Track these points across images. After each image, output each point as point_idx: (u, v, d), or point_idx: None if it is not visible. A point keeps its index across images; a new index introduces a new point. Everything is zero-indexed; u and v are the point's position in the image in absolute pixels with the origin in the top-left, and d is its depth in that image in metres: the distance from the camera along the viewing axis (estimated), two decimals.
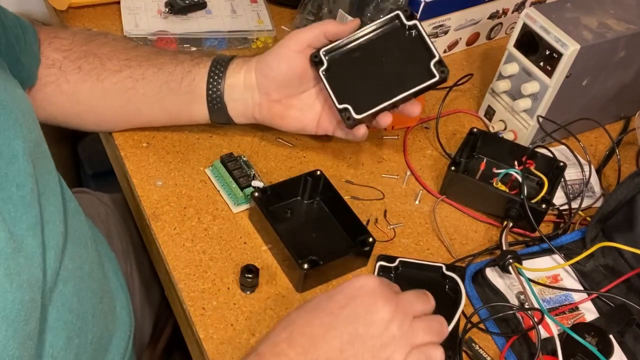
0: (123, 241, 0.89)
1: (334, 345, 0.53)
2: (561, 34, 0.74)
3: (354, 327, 0.53)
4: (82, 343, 0.61)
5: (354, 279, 0.56)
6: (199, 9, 0.97)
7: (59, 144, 1.27)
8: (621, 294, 0.68)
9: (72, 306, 0.59)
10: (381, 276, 0.67)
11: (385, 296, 0.55)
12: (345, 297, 0.55)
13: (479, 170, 0.76)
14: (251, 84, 0.72)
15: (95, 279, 0.65)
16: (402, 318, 0.54)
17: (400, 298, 0.56)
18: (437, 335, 0.57)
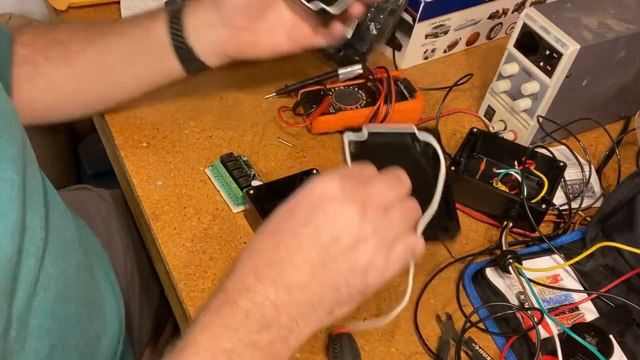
0: (123, 238, 0.89)
1: (304, 270, 0.48)
2: (561, 34, 0.74)
3: (322, 245, 0.48)
4: (67, 349, 0.60)
5: (312, 185, 0.50)
6: None
7: (59, 144, 1.27)
8: (621, 294, 0.68)
9: (55, 313, 0.58)
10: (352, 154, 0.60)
11: (350, 198, 0.49)
12: (306, 212, 0.49)
13: (479, 170, 0.76)
14: (213, 20, 0.69)
15: (80, 282, 0.64)
16: (374, 216, 0.49)
17: (368, 192, 0.50)
18: (413, 221, 0.53)
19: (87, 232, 0.76)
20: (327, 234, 0.49)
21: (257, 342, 0.47)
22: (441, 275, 0.70)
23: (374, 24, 0.88)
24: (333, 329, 0.63)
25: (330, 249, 0.49)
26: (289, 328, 0.48)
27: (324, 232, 0.49)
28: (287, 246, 0.49)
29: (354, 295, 0.50)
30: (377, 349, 0.63)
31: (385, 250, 0.50)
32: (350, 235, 0.49)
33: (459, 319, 0.66)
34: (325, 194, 0.49)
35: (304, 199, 0.50)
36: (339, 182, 0.49)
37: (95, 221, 0.86)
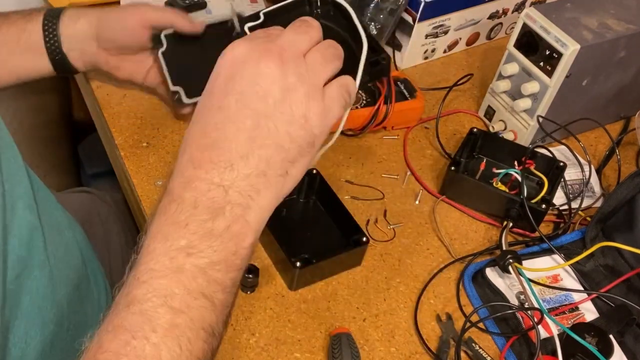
0: (122, 240, 0.89)
1: (242, 138, 0.46)
2: (561, 34, 0.74)
3: (251, 108, 0.46)
4: (58, 329, 0.61)
5: (222, 56, 0.48)
6: (199, 8, 0.96)
7: (59, 144, 1.27)
8: (621, 294, 0.68)
9: (47, 292, 0.59)
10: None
11: (263, 54, 0.46)
12: (224, 83, 0.47)
13: (479, 170, 0.76)
14: (89, 35, 0.74)
15: (70, 265, 0.66)
16: (294, 64, 0.47)
17: (280, 43, 0.48)
18: (338, 59, 0.50)
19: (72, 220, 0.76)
20: (252, 95, 0.46)
21: (213, 230, 0.45)
22: (441, 275, 0.70)
23: (374, 24, 0.88)
24: (333, 329, 0.63)
25: (260, 108, 0.46)
26: (243, 205, 0.46)
27: (248, 95, 0.46)
28: (215, 123, 0.46)
29: (304, 147, 0.48)
30: (377, 349, 0.63)
31: (318, 94, 0.47)
32: (275, 89, 0.46)
33: (459, 319, 0.66)
34: (236, 58, 0.47)
35: (218, 74, 0.47)
36: (247, 43, 0.47)
37: (94, 223, 0.87)
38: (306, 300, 0.66)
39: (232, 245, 0.45)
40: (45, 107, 1.19)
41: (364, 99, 0.83)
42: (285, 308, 0.65)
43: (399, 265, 0.71)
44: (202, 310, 0.44)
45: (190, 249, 0.44)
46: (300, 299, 0.66)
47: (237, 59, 0.47)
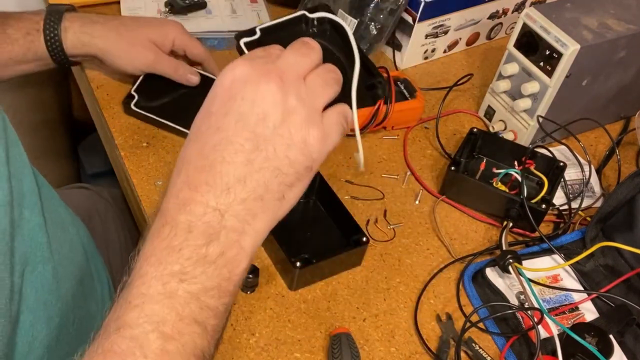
0: (121, 236, 0.89)
1: (239, 161, 0.45)
2: (561, 34, 0.74)
3: (250, 130, 0.45)
4: (64, 323, 0.61)
5: (222, 77, 0.47)
6: (199, 8, 0.97)
7: (59, 144, 1.27)
8: (621, 294, 0.68)
9: (52, 287, 0.59)
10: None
11: (264, 75, 0.46)
12: (223, 103, 0.46)
13: (479, 170, 0.76)
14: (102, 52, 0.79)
15: (74, 261, 0.66)
16: (294, 87, 0.46)
17: (280, 65, 0.47)
18: (337, 84, 0.49)
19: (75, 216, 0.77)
20: (252, 117, 0.45)
21: (207, 256, 0.44)
22: (441, 275, 0.70)
23: (374, 24, 0.88)
24: (333, 329, 0.63)
25: (260, 130, 0.45)
26: (239, 230, 0.45)
27: (248, 116, 0.45)
28: (213, 145, 0.45)
29: (302, 171, 0.47)
30: (377, 349, 0.63)
31: (317, 119, 0.47)
32: (276, 111, 0.45)
33: (459, 319, 0.66)
34: (237, 79, 0.46)
35: (217, 93, 0.47)
36: (247, 64, 0.46)
37: (92, 219, 0.87)
38: (306, 300, 0.66)
39: (225, 271, 0.45)
40: (45, 107, 1.19)
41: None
42: (285, 308, 0.65)
43: (399, 265, 0.71)
44: (194, 336, 0.43)
45: (184, 275, 0.43)
46: (300, 299, 0.66)
47: (237, 79, 0.46)
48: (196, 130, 0.47)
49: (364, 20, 0.87)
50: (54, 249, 0.61)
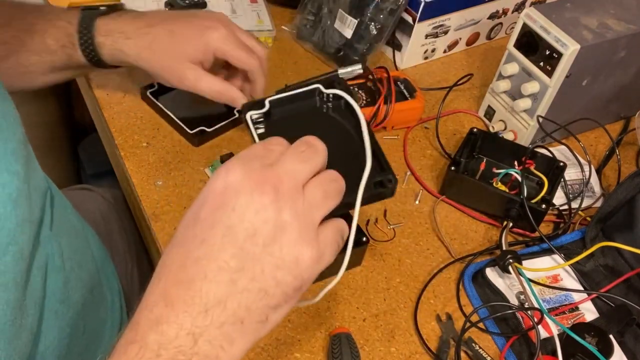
0: (124, 239, 0.89)
1: (222, 281, 0.40)
2: (561, 34, 0.74)
3: (237, 246, 0.41)
4: (74, 332, 0.61)
5: (213, 180, 0.43)
6: (199, 8, 0.97)
7: (59, 144, 1.27)
8: (621, 294, 0.68)
9: (63, 297, 0.59)
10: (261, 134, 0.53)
11: (258, 184, 0.41)
12: (212, 211, 0.42)
13: (479, 170, 0.76)
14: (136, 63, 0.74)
15: (85, 269, 0.66)
16: (290, 200, 0.42)
17: (278, 172, 0.42)
18: (338, 195, 0.45)
19: (87, 225, 0.76)
20: (241, 232, 0.41)
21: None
22: (441, 275, 0.70)
23: (374, 24, 0.88)
24: (333, 329, 0.63)
25: (248, 248, 0.41)
26: (211, 357, 0.40)
27: (237, 231, 0.41)
28: (196, 258, 0.41)
29: (289, 293, 0.43)
30: (377, 349, 0.63)
31: (311, 236, 0.42)
32: (267, 227, 0.41)
33: (459, 318, 0.66)
34: (229, 186, 0.42)
35: (207, 199, 0.43)
36: (242, 169, 0.42)
37: (96, 221, 0.87)
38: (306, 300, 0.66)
39: None
40: (45, 107, 1.19)
41: (364, 99, 0.83)
42: None
43: (399, 265, 0.71)
44: None
45: None
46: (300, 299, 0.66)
47: (229, 186, 0.42)
48: (181, 235, 0.43)
49: (364, 20, 0.87)
50: (65, 258, 0.60)
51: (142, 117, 0.82)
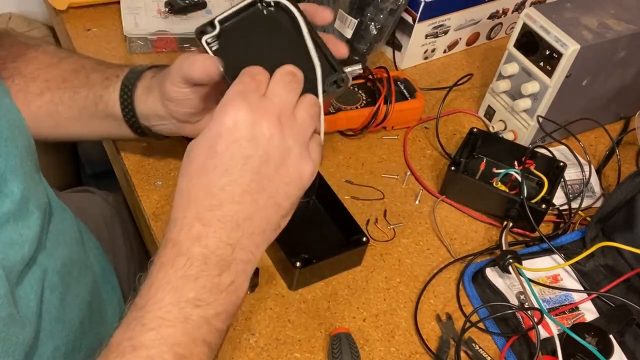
0: (126, 242, 0.89)
1: (247, 201, 0.50)
2: (561, 34, 0.74)
3: (255, 172, 0.50)
4: (70, 351, 0.61)
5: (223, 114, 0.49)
6: (199, 8, 0.97)
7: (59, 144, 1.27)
8: (621, 294, 0.68)
9: (59, 314, 0.58)
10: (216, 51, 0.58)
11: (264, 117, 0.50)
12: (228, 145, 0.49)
13: (479, 170, 0.76)
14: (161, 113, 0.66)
15: (83, 284, 0.65)
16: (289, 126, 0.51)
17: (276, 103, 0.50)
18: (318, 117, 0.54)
19: (89, 235, 0.76)
20: (256, 160, 0.49)
21: (220, 284, 0.49)
22: (441, 275, 0.70)
23: (374, 24, 0.88)
24: (333, 329, 0.63)
25: (264, 171, 0.50)
26: (245, 260, 0.50)
27: (253, 159, 0.49)
28: (222, 186, 0.49)
29: (295, 202, 0.53)
30: (377, 349, 0.63)
31: (307, 154, 0.52)
32: (277, 152, 0.50)
33: (459, 318, 0.66)
34: (239, 121, 0.49)
35: (221, 133, 0.49)
36: (245, 104, 0.49)
37: (98, 225, 0.86)
38: (306, 300, 0.66)
39: (234, 297, 0.50)
40: None
41: (364, 99, 0.83)
42: (285, 308, 0.65)
43: (399, 265, 0.71)
44: (201, 355, 0.48)
45: (199, 302, 0.48)
46: (300, 299, 0.66)
47: (239, 121, 0.49)
48: (200, 165, 0.50)
49: (364, 20, 0.87)
50: (62, 273, 0.60)
51: None
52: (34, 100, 0.69)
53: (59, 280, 0.59)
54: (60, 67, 0.71)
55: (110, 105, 0.67)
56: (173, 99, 0.63)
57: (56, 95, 0.69)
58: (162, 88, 0.63)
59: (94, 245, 0.76)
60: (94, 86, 0.68)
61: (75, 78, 0.70)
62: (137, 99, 0.66)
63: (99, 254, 0.76)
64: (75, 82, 0.69)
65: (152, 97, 0.65)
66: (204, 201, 0.49)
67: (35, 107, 0.69)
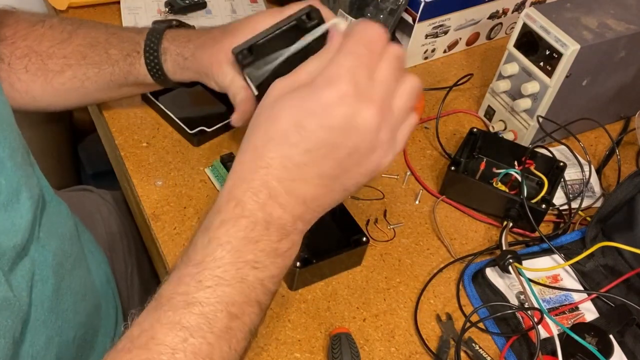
0: (124, 240, 0.89)
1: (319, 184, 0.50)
2: (561, 34, 0.74)
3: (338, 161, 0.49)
4: (64, 341, 0.61)
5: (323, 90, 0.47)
6: (199, 9, 0.97)
7: (59, 144, 1.27)
8: (621, 294, 0.68)
9: (52, 305, 0.59)
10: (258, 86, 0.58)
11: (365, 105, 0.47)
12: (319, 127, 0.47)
13: (479, 170, 0.76)
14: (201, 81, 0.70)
15: (77, 276, 0.65)
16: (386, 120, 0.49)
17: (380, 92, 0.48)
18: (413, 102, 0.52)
19: (84, 229, 0.76)
20: (343, 151, 0.48)
21: (278, 249, 0.50)
22: (441, 275, 0.70)
23: None
24: (333, 329, 0.63)
25: (345, 163, 0.49)
26: (302, 232, 0.52)
27: (340, 150, 0.48)
28: (299, 163, 0.48)
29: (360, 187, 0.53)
30: (377, 349, 0.63)
31: (393, 145, 0.51)
32: (365, 147, 0.48)
33: (459, 318, 0.66)
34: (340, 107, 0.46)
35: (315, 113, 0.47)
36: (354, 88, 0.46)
37: (96, 222, 0.87)
38: (306, 300, 0.66)
39: (288, 261, 0.52)
40: None
41: None
42: (285, 308, 0.65)
43: (399, 265, 0.71)
44: (252, 315, 0.50)
45: (256, 264, 0.49)
46: (300, 299, 0.66)
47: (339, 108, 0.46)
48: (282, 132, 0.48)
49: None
50: (55, 265, 0.60)
51: (142, 117, 0.82)
52: (55, 77, 0.71)
53: (51, 272, 0.59)
54: (73, 42, 0.72)
55: (142, 78, 0.71)
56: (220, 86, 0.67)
57: (79, 72, 0.71)
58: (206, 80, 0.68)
59: (89, 239, 0.76)
60: (118, 62, 0.71)
61: (94, 54, 0.71)
62: (170, 72, 0.70)
63: (94, 249, 0.76)
64: (96, 59, 0.71)
65: (188, 74, 0.69)
66: (275, 171, 0.48)
67: (58, 84, 0.72)
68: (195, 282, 0.48)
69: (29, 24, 0.73)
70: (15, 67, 0.71)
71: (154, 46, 0.69)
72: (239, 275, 0.48)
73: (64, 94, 0.73)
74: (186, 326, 0.46)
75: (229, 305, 0.48)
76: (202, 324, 0.47)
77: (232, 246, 0.48)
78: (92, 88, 0.72)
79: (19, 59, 0.71)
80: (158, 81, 0.71)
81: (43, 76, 0.71)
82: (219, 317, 0.47)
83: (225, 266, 0.48)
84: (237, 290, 0.48)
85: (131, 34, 0.71)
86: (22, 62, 0.71)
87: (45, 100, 0.73)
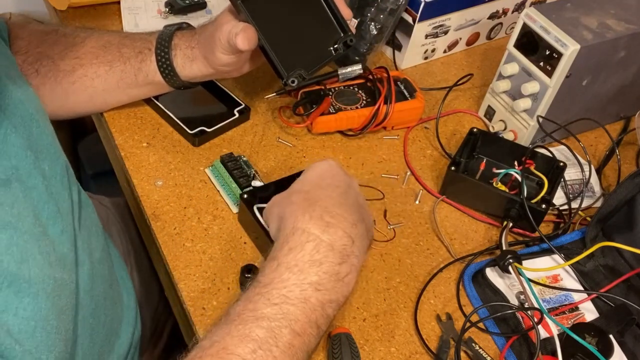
0: (123, 243, 0.89)
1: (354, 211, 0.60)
2: (561, 34, 0.74)
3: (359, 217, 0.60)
4: (96, 323, 0.64)
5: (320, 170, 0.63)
6: (199, 9, 0.97)
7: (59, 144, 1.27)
8: (621, 294, 0.68)
9: (86, 288, 0.61)
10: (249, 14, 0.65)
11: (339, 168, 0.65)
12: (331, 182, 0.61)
13: (479, 170, 0.76)
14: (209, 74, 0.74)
15: (104, 265, 0.68)
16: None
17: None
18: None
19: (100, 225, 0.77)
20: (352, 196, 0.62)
21: (339, 273, 0.55)
22: (441, 275, 0.70)
23: (374, 24, 0.88)
24: (333, 329, 0.63)
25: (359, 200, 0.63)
26: (358, 257, 0.57)
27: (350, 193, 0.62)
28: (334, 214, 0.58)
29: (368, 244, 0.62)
30: (377, 349, 0.63)
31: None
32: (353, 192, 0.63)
33: (459, 318, 0.66)
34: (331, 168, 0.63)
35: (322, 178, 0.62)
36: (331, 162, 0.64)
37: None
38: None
39: (346, 290, 0.56)
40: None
41: (364, 99, 0.83)
42: None
43: (399, 265, 0.71)
44: (311, 337, 0.53)
45: (319, 286, 0.54)
46: None
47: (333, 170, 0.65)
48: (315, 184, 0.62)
49: (364, 20, 0.87)
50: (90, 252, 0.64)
51: (142, 117, 0.82)
52: (65, 76, 0.73)
53: (87, 256, 0.62)
54: (86, 45, 0.75)
55: (151, 76, 0.74)
56: (227, 64, 0.70)
57: (90, 70, 0.74)
58: (211, 57, 0.70)
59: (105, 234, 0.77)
60: (129, 60, 0.73)
61: (107, 53, 0.74)
62: (179, 67, 0.72)
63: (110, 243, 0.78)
64: (108, 57, 0.74)
65: (196, 64, 0.72)
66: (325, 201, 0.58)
67: (68, 84, 0.74)
68: (264, 299, 0.52)
69: (42, 34, 0.75)
70: (26, 72, 0.72)
71: (165, 43, 0.72)
72: (302, 296, 0.53)
73: (73, 95, 0.74)
74: (255, 339, 0.50)
75: (292, 322, 0.52)
76: (269, 337, 0.50)
77: (299, 269, 0.54)
78: (100, 87, 0.74)
79: (30, 65, 0.73)
80: (166, 79, 0.73)
81: (53, 77, 0.73)
82: (284, 333, 0.51)
83: (291, 287, 0.53)
84: (300, 310, 0.53)
85: (144, 35, 0.75)
86: (33, 67, 0.73)
87: (52, 103, 0.74)
